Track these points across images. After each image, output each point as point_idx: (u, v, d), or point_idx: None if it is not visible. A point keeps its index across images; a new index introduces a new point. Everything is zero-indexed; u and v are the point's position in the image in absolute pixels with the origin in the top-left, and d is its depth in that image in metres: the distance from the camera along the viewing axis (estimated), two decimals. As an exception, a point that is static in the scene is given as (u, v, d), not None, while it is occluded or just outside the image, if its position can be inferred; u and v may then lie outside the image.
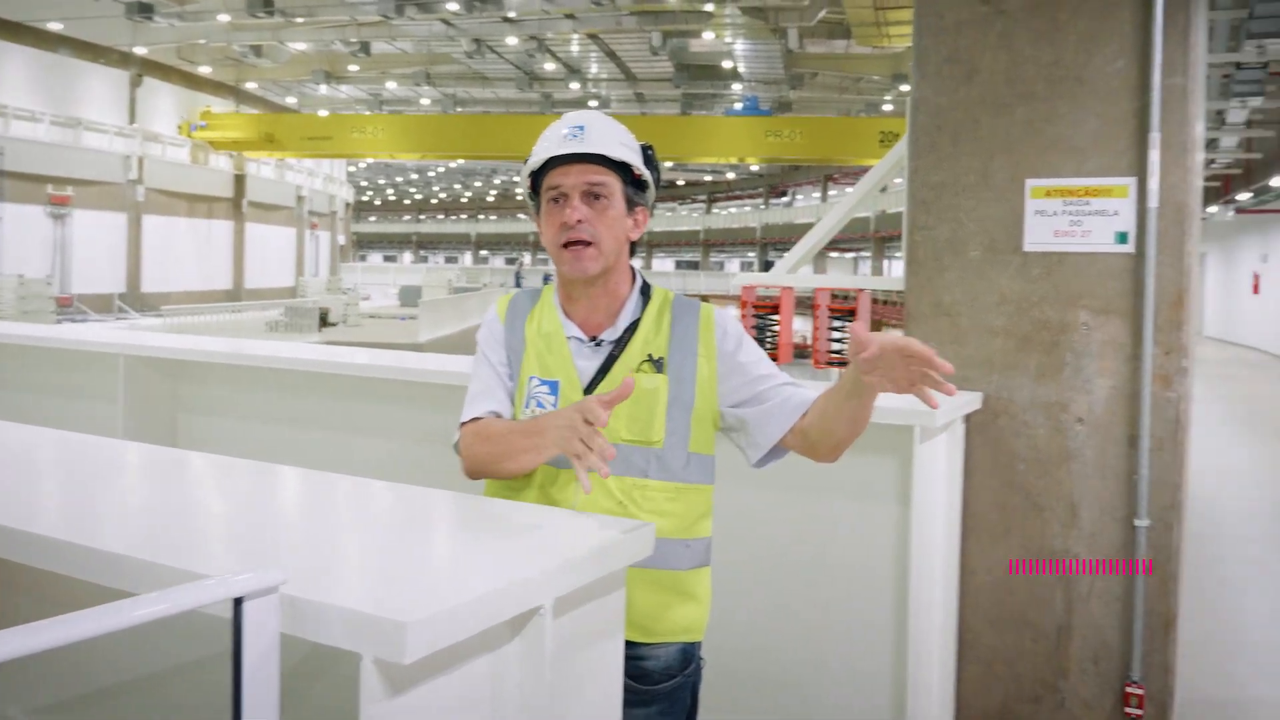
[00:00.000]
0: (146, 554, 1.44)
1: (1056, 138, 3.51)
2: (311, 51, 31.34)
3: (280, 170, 36.92)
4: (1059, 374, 3.45)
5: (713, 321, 2.00)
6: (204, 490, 1.97)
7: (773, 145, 29.69)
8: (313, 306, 22.19)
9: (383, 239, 76.25)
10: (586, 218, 1.93)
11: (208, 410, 4.46)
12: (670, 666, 1.96)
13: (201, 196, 32.18)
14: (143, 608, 1.13)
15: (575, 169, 1.94)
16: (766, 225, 53.26)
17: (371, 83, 35.81)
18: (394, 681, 1.26)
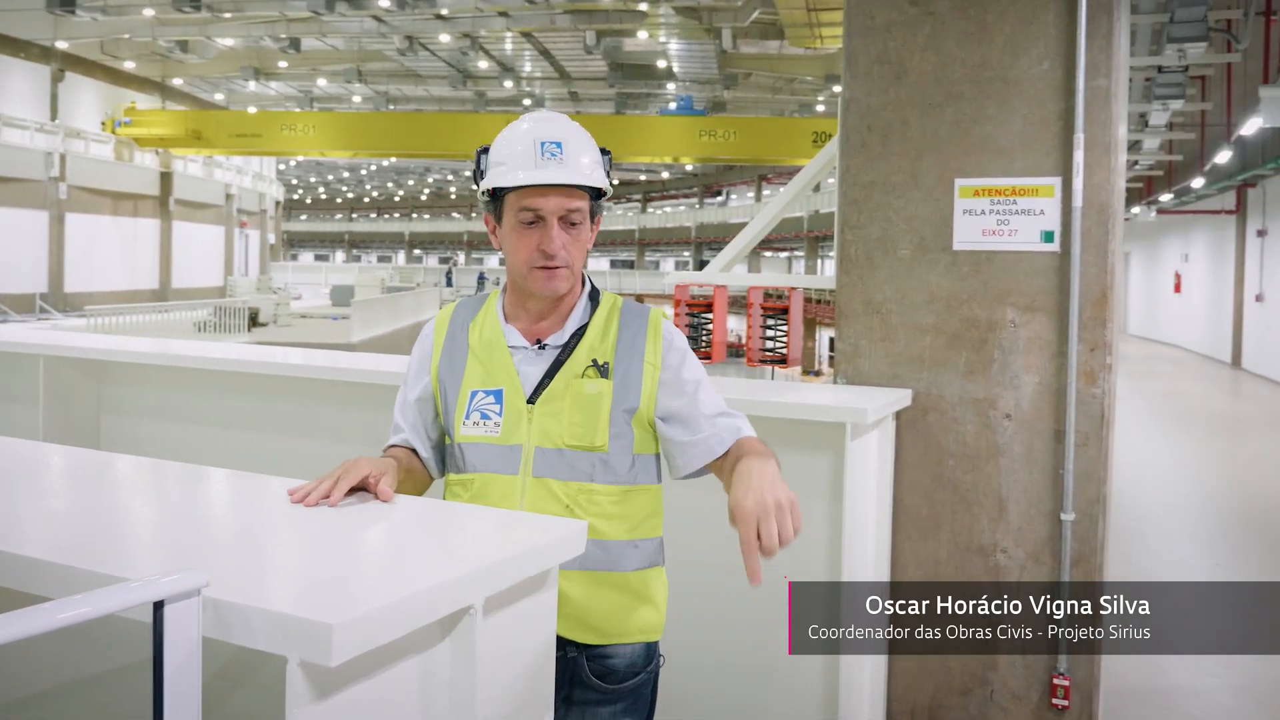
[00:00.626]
0: (67, 559, 1.40)
1: (984, 138, 3.57)
2: (240, 47, 30.78)
3: (208, 168, 36.19)
4: (987, 371, 3.52)
5: (660, 331, 1.98)
6: (127, 493, 1.92)
7: (707, 145, 29.83)
8: (242, 306, 21.75)
9: (314, 238, 75.11)
10: (565, 245, 1.91)
11: (133, 412, 4.35)
12: (634, 664, 1.96)
13: (126, 194, 31.41)
14: (60, 612, 1.10)
15: (555, 193, 1.89)
16: (701, 225, 53.50)
17: (302, 79, 35.25)
18: (321, 684, 1.23)
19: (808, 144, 28.62)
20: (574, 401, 1.91)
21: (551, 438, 1.90)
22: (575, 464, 1.90)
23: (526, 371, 1.95)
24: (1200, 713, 4.10)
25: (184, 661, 1.20)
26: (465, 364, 1.99)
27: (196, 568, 1.23)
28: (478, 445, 1.94)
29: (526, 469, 1.91)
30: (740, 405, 3.04)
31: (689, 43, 28.39)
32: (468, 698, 1.42)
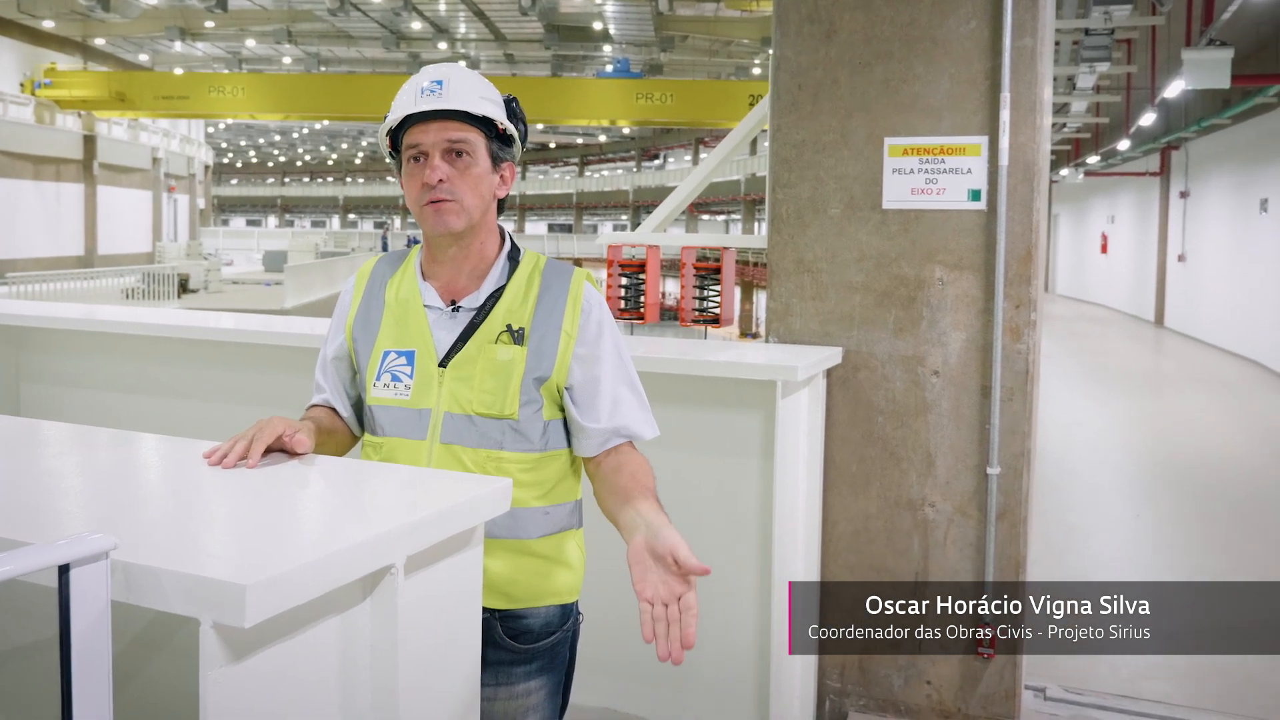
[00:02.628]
0: (-36, 525, 1.36)
1: (913, 97, 3.59)
2: (164, 6, 29.85)
3: (134, 131, 35.18)
4: (916, 328, 3.56)
5: (580, 299, 1.93)
6: (43, 459, 1.87)
7: (644, 108, 29.68)
8: (171, 272, 21.28)
9: (246, 202, 73.53)
10: (448, 176, 1.86)
11: (57, 380, 4.24)
12: (549, 624, 1.95)
13: (48, 158, 30.42)
14: (-45, 577, 1.07)
15: (435, 126, 1.86)
16: (639, 188, 53.35)
17: (230, 40, 34.31)
18: (235, 646, 1.22)
19: (744, 107, 28.59)
20: (485, 367, 1.87)
21: (461, 403, 1.87)
22: (485, 431, 1.87)
23: (439, 334, 1.91)
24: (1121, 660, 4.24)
25: (92, 626, 1.17)
26: (380, 322, 1.95)
27: (110, 531, 1.20)
28: (388, 408, 1.91)
29: (435, 434, 1.88)
30: (672, 364, 3.07)
31: (625, 4, 28.15)
32: (389, 658, 1.41)
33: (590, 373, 1.91)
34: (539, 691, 1.95)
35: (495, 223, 1.98)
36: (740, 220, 48.58)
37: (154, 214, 36.47)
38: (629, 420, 1.93)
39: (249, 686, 1.24)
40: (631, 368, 1.98)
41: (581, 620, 2.04)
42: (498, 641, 1.89)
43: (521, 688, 1.93)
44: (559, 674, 2.00)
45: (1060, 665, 3.97)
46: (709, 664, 3.25)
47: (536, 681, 1.94)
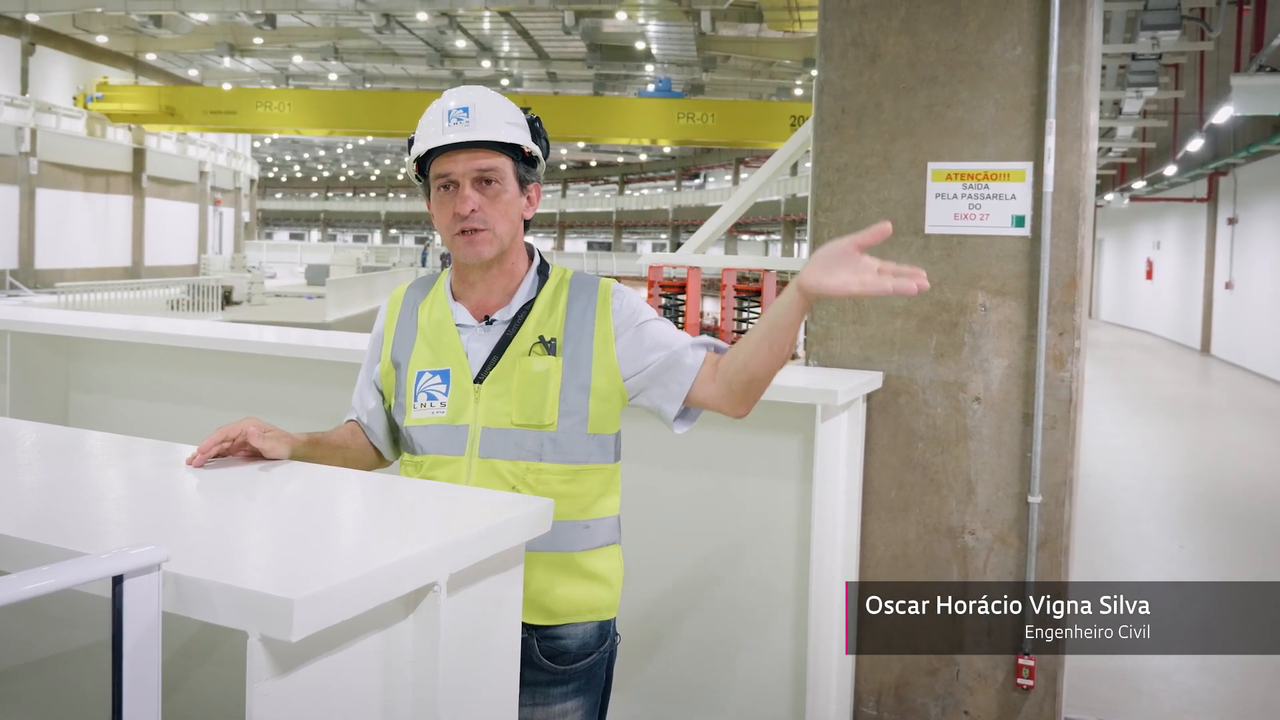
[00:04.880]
0: (27, 534, 1.39)
1: (957, 122, 3.58)
2: (214, 23, 30.38)
3: (182, 145, 35.80)
4: (957, 354, 3.54)
5: (609, 296, 1.95)
6: (93, 469, 1.91)
7: (685, 127, 29.77)
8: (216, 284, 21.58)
9: (289, 216, 74.46)
10: (479, 205, 1.88)
11: (104, 390, 4.32)
12: (586, 644, 1.94)
13: (99, 170, 31.04)
14: (17, 586, 1.09)
15: (463, 155, 1.89)
16: (679, 207, 53.44)
17: (277, 56, 34.86)
18: (282, 659, 1.23)
19: (785, 128, 28.58)
20: (522, 380, 1.89)
21: (498, 417, 1.88)
22: (523, 443, 1.88)
23: (474, 349, 1.93)
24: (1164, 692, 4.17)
25: (143, 637, 1.19)
26: (414, 345, 1.98)
27: (160, 543, 1.22)
28: (426, 427, 1.93)
29: (473, 450, 1.89)
30: (711, 386, 3.07)
31: (668, 24, 28.29)
32: (431, 675, 1.42)
33: (651, 339, 1.93)
34: (575, 713, 1.94)
35: (522, 242, 2.00)
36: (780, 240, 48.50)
37: (200, 227, 37.05)
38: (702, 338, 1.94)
39: (294, 700, 1.26)
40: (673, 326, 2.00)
41: (619, 641, 2.04)
42: (535, 662, 1.89)
43: (558, 709, 1.92)
44: (595, 695, 1.99)
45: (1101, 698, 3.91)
46: (743, 688, 3.23)
47: (573, 703, 1.94)
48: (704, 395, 1.91)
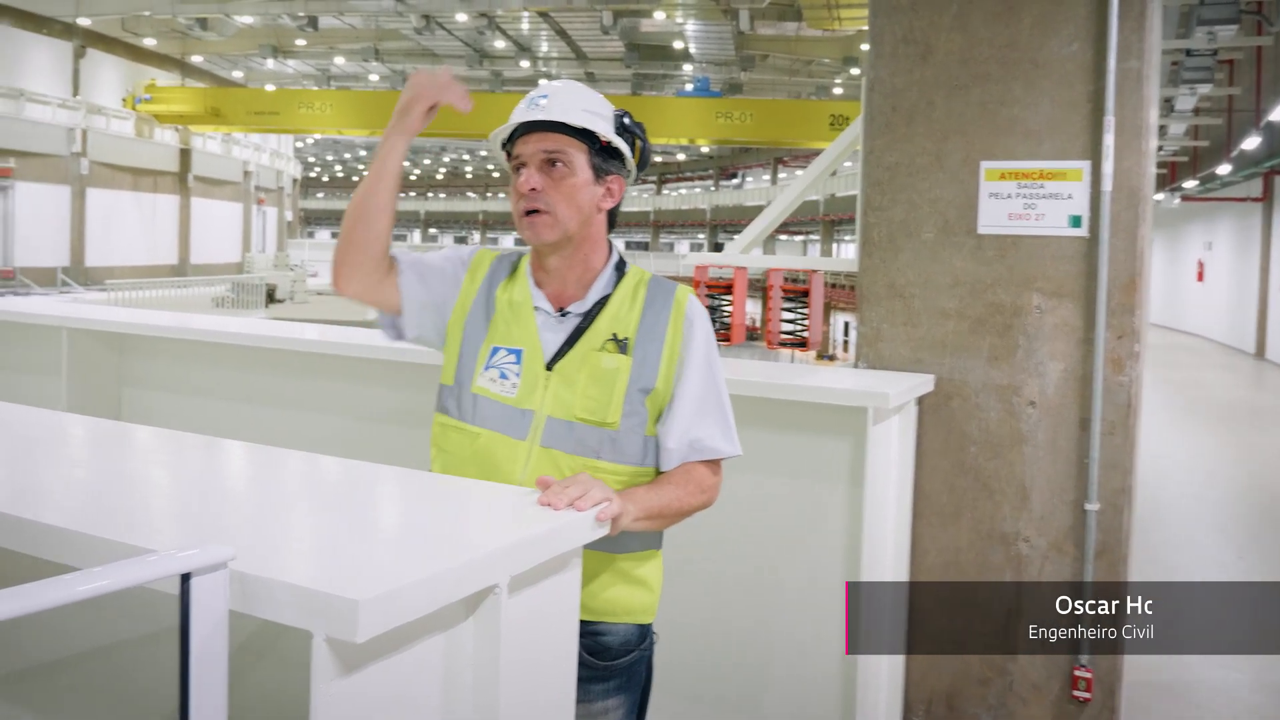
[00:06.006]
0: (91, 528, 1.40)
1: (1011, 120, 3.52)
2: (258, 25, 30.75)
3: (227, 145, 36.25)
4: (1011, 357, 3.48)
5: (684, 311, 1.94)
6: (149, 464, 1.92)
7: (723, 127, 29.67)
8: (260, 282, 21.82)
9: (331, 215, 75.13)
10: (541, 186, 1.89)
11: (153, 385, 4.37)
12: (628, 641, 1.94)
13: (146, 170, 31.51)
14: (89, 582, 1.10)
15: (534, 137, 1.91)
16: (716, 207, 53.33)
17: (319, 58, 35.20)
18: (346, 660, 1.23)
19: (825, 127, 28.44)
20: (590, 374, 1.88)
21: (565, 407, 1.88)
22: (584, 439, 1.88)
23: (547, 337, 1.93)
24: (1224, 709, 4.07)
25: (211, 634, 1.19)
26: (490, 320, 1.97)
27: (221, 540, 1.22)
28: (492, 401, 1.91)
29: (535, 436, 1.88)
30: (760, 388, 3.04)
31: (706, 24, 28.24)
32: (491, 677, 1.41)
33: (678, 383, 1.92)
34: (616, 710, 1.94)
35: (601, 235, 1.98)
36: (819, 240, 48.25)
37: (244, 225, 37.51)
38: (705, 434, 1.92)
39: (358, 701, 1.25)
40: (721, 384, 1.97)
41: (656, 641, 2.03)
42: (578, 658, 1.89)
43: (599, 705, 1.92)
44: (635, 694, 1.99)
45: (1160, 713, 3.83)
46: (790, 697, 3.20)
47: (615, 700, 1.94)
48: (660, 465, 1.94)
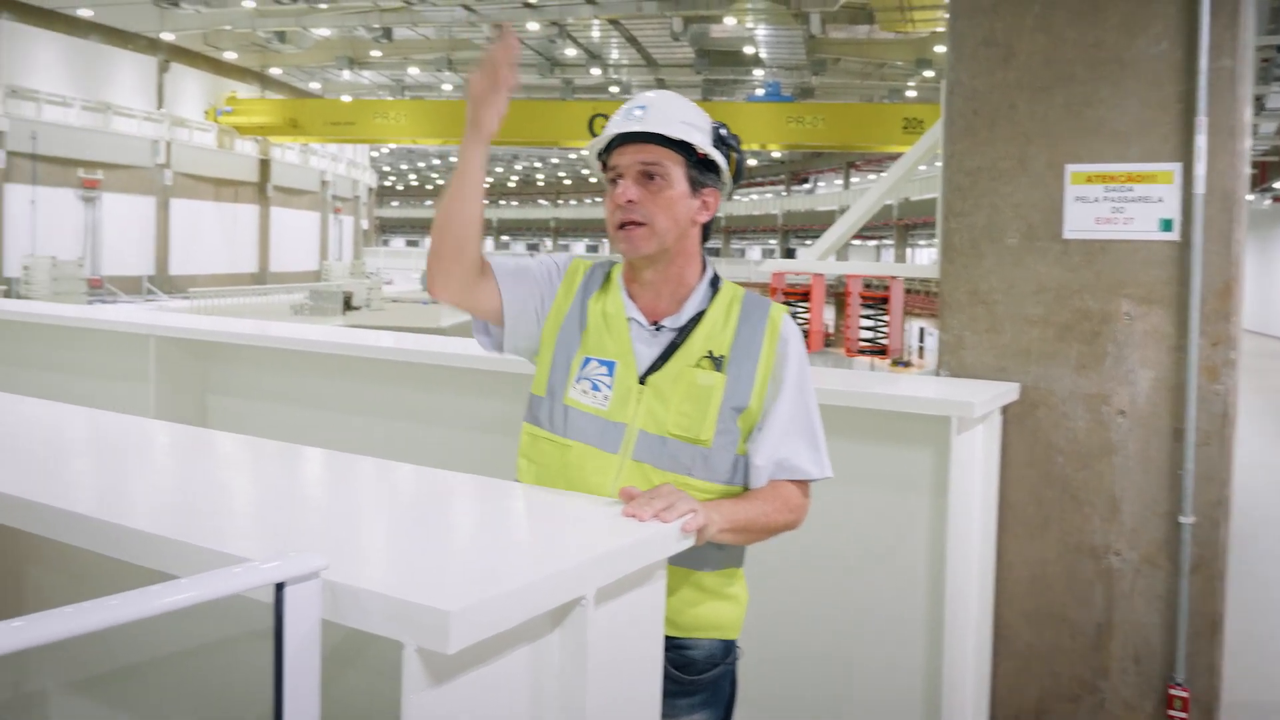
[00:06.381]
0: (181, 534, 1.42)
1: (1098, 122, 3.43)
2: (335, 37, 31.38)
3: (304, 155, 37.05)
4: (1100, 365, 3.38)
5: (779, 330, 1.91)
6: (235, 471, 1.95)
7: (794, 131, 29.50)
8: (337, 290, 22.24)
9: (405, 224, 76.42)
10: (638, 198, 1.87)
11: (237, 391, 4.46)
12: (713, 656, 1.93)
13: (227, 181, 32.37)
14: (185, 591, 1.12)
15: (632, 149, 1.89)
16: (788, 212, 53.03)
17: (394, 68, 35.81)
18: (436, 671, 1.23)
19: (898, 130, 28.13)
20: (685, 390, 1.86)
21: (658, 422, 1.86)
22: (677, 455, 1.85)
23: (641, 350, 1.91)
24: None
25: (304, 643, 1.20)
26: (583, 331, 1.95)
27: (308, 548, 1.23)
28: (583, 413, 1.90)
29: (627, 450, 1.87)
30: (841, 397, 3.00)
31: (777, 28, 28.11)
32: (578, 689, 1.40)
33: (771, 403, 1.89)
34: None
35: (696, 249, 1.96)
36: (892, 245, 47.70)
37: (321, 234, 38.29)
38: (793, 454, 1.89)
39: (447, 711, 1.25)
40: (814, 406, 1.93)
41: (741, 655, 2.00)
42: (664, 673, 1.87)
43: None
44: (720, 709, 1.97)
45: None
46: (874, 711, 3.14)
47: (700, 715, 1.92)
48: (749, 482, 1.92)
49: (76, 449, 2.08)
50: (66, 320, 4.78)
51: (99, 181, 26.68)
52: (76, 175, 26.12)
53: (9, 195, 24.24)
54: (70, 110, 25.98)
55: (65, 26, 26.26)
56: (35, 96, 24.91)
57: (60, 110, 25.69)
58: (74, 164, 26.00)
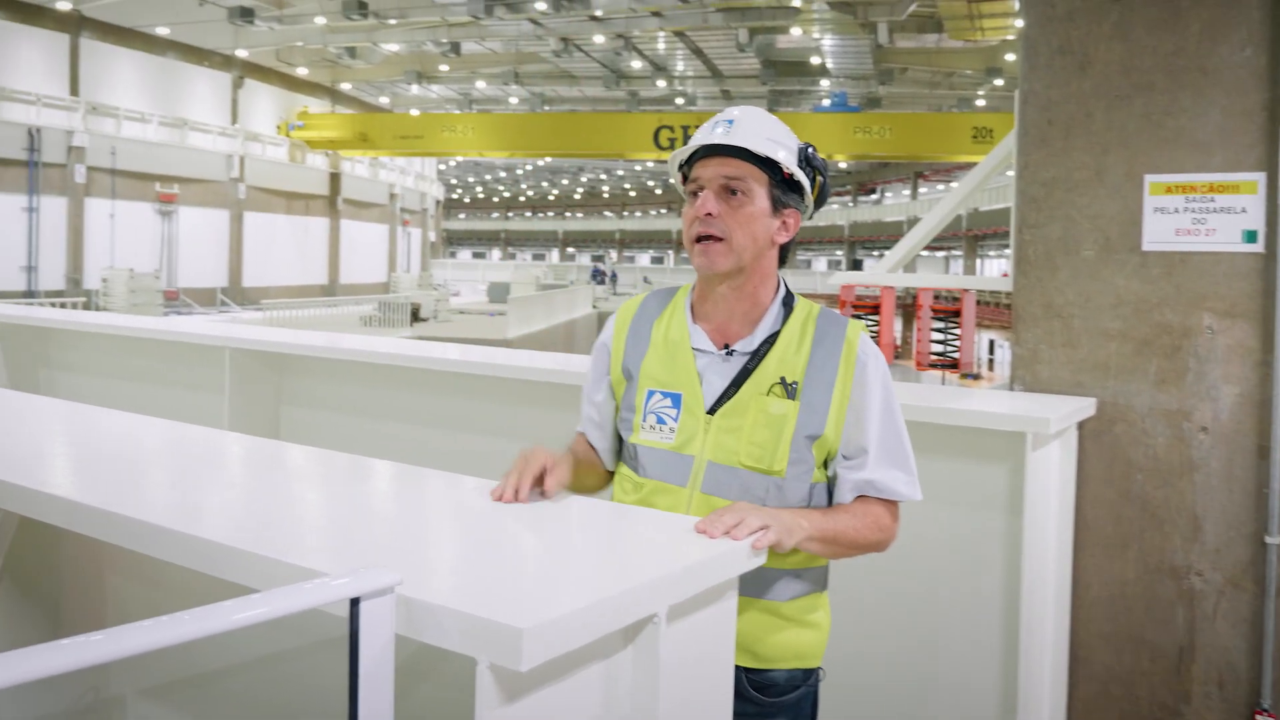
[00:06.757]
0: (256, 547, 1.44)
1: (1177, 131, 3.35)
2: (404, 52, 31.91)
3: (374, 168, 37.67)
4: (1181, 380, 3.29)
5: (855, 353, 1.84)
6: (309, 484, 1.98)
7: (861, 142, 29.28)
8: (405, 302, 22.52)
9: (472, 236, 77.32)
10: (718, 212, 1.84)
11: (308, 403, 4.53)
12: (794, 678, 1.90)
13: (299, 194, 33.02)
14: (261, 606, 1.13)
15: (715, 162, 1.86)
16: (855, 223, 52.60)
17: (461, 82, 36.30)
18: (509, 688, 1.22)
19: (967, 140, 27.78)
20: (757, 419, 1.82)
21: (727, 454, 1.82)
22: (749, 485, 1.81)
23: (710, 378, 1.87)
24: None
25: (378, 657, 1.20)
26: (644, 360, 1.93)
27: (379, 563, 1.24)
28: (651, 450, 1.89)
29: (696, 483, 1.84)
30: (913, 412, 2.95)
31: (843, 38, 27.95)
32: (650, 707, 1.39)
33: (855, 425, 1.84)
34: None
35: (772, 270, 1.91)
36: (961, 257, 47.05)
37: (389, 246, 38.88)
38: (882, 475, 1.84)
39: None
40: (901, 426, 1.88)
41: (823, 677, 1.97)
42: (744, 694, 1.85)
43: None
44: None
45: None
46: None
47: None
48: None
49: (155, 460, 2.12)
50: (144, 332, 4.90)
51: (175, 195, 27.40)
52: (154, 189, 26.85)
53: (89, 209, 25.00)
54: (148, 126, 26.72)
55: (144, 45, 27.04)
56: (115, 113, 25.67)
57: (139, 126, 26.43)
58: (151, 178, 26.74)
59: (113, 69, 26.13)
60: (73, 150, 24.41)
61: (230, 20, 25.87)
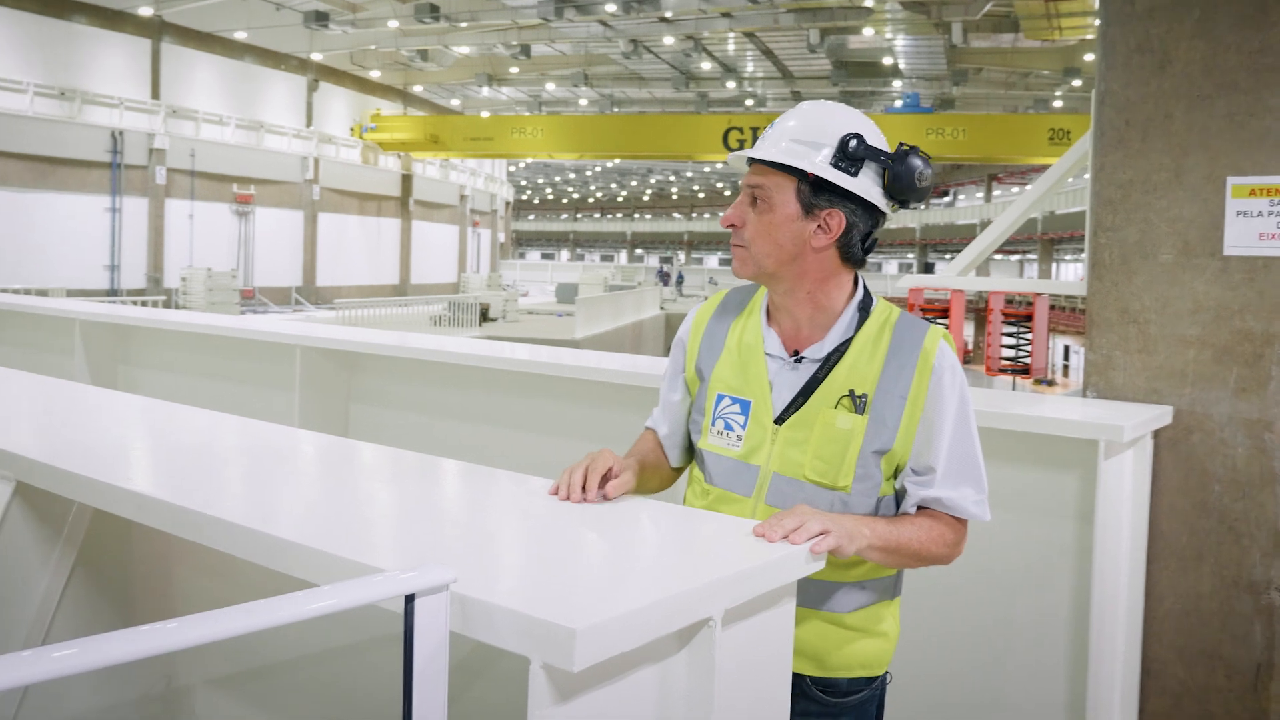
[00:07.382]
0: (319, 544, 1.46)
1: (1263, 132, 3.24)
2: (474, 55, 32.27)
3: (444, 170, 38.13)
4: (1264, 389, 3.18)
5: (931, 365, 1.77)
6: (376, 482, 2.00)
7: (934, 143, 28.84)
8: (474, 302, 22.73)
9: (541, 237, 77.89)
10: (739, 221, 1.84)
11: (378, 401, 4.60)
12: (857, 682, 1.88)
13: (371, 195, 33.57)
14: (319, 600, 1.15)
15: (750, 170, 1.87)
16: (926, 226, 51.92)
17: (531, 84, 36.59)
18: (562, 688, 1.22)
19: (1044, 141, 27.25)
20: (823, 433, 1.78)
21: (792, 466, 1.79)
22: (814, 499, 1.78)
23: (779, 386, 1.84)
24: None
25: (433, 654, 1.21)
26: (717, 363, 1.91)
27: (439, 560, 1.25)
28: (719, 456, 1.87)
29: (760, 494, 1.82)
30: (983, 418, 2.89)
31: (916, 38, 27.61)
32: (705, 711, 1.38)
33: (925, 440, 1.78)
34: None
35: (830, 272, 1.84)
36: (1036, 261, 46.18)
37: (459, 247, 39.32)
38: (951, 493, 1.79)
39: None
40: (975, 444, 1.82)
41: (890, 680, 1.94)
42: (807, 693, 1.84)
43: None
44: None
45: None
46: (1013, 742, 3.02)
47: None
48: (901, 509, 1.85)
49: (226, 457, 2.17)
50: (217, 329, 5.02)
51: (252, 196, 28.04)
52: (231, 190, 27.51)
53: (169, 210, 25.70)
54: (226, 128, 27.37)
55: (222, 49, 27.70)
56: (194, 116, 26.34)
57: (217, 129, 27.09)
58: (229, 180, 27.41)
59: (192, 73, 26.82)
60: (154, 152, 25.12)
61: (305, 24, 26.44)
